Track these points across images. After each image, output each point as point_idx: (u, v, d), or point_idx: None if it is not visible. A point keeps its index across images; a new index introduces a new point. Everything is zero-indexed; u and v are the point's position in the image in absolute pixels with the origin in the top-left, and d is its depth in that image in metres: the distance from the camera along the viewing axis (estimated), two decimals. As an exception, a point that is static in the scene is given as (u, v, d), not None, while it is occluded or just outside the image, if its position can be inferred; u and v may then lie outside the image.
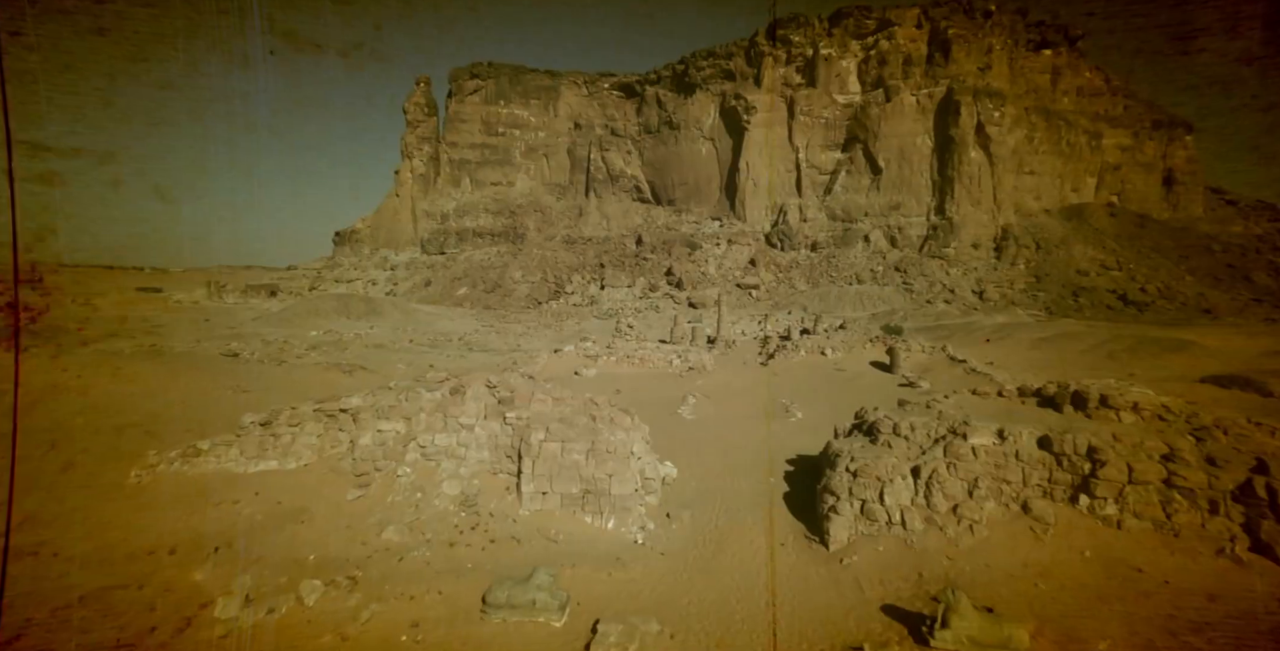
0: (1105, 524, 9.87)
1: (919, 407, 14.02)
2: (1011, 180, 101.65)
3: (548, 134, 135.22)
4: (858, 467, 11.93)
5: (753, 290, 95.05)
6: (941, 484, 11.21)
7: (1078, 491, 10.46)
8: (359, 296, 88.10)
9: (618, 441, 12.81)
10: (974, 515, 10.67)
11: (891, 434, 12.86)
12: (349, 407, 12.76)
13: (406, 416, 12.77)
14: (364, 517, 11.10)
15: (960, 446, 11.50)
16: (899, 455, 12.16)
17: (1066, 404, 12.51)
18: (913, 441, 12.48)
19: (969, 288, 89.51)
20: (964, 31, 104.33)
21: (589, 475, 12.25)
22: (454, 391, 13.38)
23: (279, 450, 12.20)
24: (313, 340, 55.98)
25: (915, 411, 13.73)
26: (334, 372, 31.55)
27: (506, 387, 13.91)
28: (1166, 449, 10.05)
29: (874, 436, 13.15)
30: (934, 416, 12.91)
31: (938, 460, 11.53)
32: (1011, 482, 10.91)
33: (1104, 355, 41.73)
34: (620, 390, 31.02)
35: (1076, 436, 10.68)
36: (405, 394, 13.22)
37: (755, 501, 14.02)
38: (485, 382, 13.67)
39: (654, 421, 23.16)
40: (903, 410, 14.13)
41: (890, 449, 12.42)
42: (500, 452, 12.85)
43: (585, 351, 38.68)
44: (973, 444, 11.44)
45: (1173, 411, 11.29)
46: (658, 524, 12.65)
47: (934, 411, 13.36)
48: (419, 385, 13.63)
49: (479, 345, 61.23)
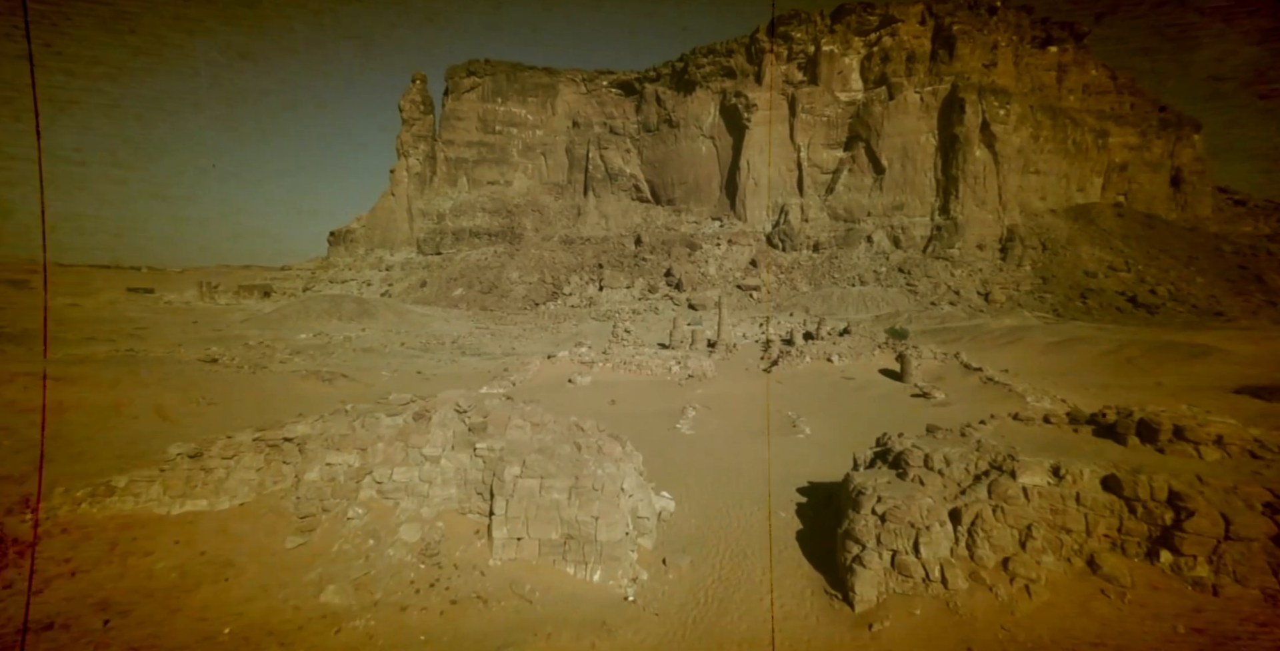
0: (1197, 588, 8.12)
1: (952, 435, 12.25)
2: (1017, 179, 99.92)
3: (545, 132, 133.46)
4: (886, 510, 10.17)
5: (754, 291, 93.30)
6: (987, 532, 9.46)
7: (1156, 545, 8.70)
8: (351, 297, 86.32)
9: (605, 476, 11.05)
10: (1029, 572, 8.91)
11: (923, 467, 11.10)
12: (294, 436, 11.00)
13: (361, 447, 11.01)
14: (302, 572, 9.33)
15: (1008, 486, 9.74)
16: (934, 494, 10.40)
17: (1131, 434, 10.76)
18: (949, 477, 10.72)
19: (974, 289, 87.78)
20: (968, 27, 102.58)
21: (572, 518, 10.49)
22: (417, 417, 11.62)
23: (210, 487, 10.44)
24: (300, 343, 54.21)
25: (949, 440, 11.96)
26: (312, 381, 29.79)
27: (479, 412, 12.14)
28: (1270, 496, 8.30)
29: (902, 469, 11.39)
30: (972, 447, 11.15)
31: (981, 502, 9.77)
32: (1073, 532, 9.15)
33: (1121, 360, 39.99)
34: (615, 401, 29.28)
35: (1153, 477, 8.92)
36: (361, 420, 11.46)
37: (765, 539, 12.26)
38: (454, 406, 11.89)
39: (650, 438, 21.42)
40: (933, 438, 12.36)
41: (923, 486, 10.65)
42: (470, 489, 11.09)
43: (580, 357, 36.93)
44: (1023, 483, 9.68)
45: (1269, 447, 9.56)
46: (652, 573, 10.89)
47: (971, 441, 11.59)
48: (378, 410, 11.86)
49: (472, 348, 59.46)
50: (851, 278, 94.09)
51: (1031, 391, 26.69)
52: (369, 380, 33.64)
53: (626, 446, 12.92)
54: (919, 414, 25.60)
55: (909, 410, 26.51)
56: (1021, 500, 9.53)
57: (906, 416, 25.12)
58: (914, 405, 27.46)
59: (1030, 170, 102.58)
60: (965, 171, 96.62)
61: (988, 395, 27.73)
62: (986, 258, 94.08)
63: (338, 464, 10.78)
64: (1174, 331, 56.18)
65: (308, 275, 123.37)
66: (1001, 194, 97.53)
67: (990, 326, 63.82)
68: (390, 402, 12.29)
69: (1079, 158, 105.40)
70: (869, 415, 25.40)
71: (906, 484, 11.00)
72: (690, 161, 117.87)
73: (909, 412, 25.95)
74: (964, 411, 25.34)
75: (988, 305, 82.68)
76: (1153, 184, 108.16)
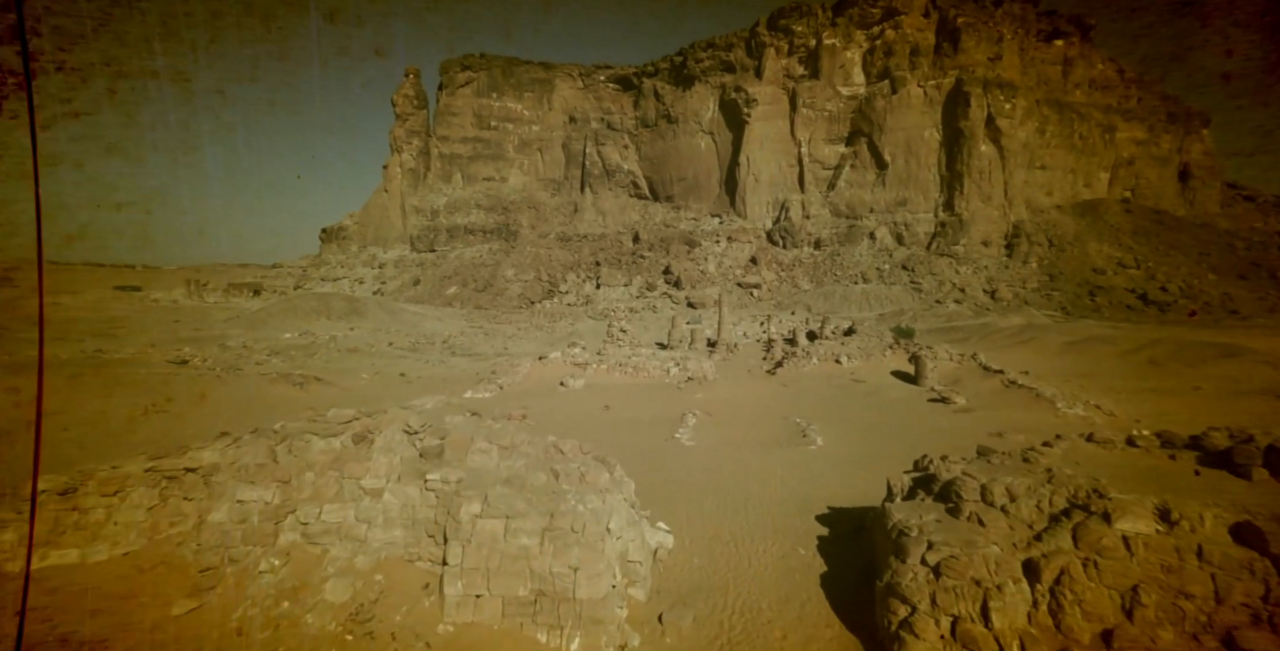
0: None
1: (1012, 461, 10.08)
2: (1022, 175, 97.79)
3: (542, 128, 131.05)
4: (941, 560, 8.01)
5: (754, 289, 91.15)
6: (1078, 593, 7.31)
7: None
8: (340, 295, 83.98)
9: (589, 513, 8.89)
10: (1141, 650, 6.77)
11: (981, 502, 8.95)
12: (199, 465, 8.83)
13: (283, 479, 8.83)
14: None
15: (1100, 533, 7.59)
16: (1000, 539, 8.25)
17: (1258, 465, 8.65)
18: (1016, 516, 8.57)
19: (980, 287, 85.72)
20: (973, 20, 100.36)
21: (544, 569, 8.33)
22: (357, 440, 9.44)
23: (85, 532, 8.26)
24: (282, 343, 51.94)
25: (1009, 467, 9.80)
26: (282, 385, 27.58)
27: (436, 432, 9.95)
28: None
29: (953, 504, 9.23)
30: (1041, 477, 8.99)
31: (1065, 553, 7.62)
32: (1196, 597, 7.01)
33: (1144, 361, 37.90)
34: (609, 406, 27.12)
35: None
36: (287, 444, 9.28)
37: (784, 586, 10.13)
38: (403, 427, 9.71)
39: (646, 450, 19.27)
40: (988, 464, 10.19)
41: (984, 528, 8.50)
42: (419, 530, 8.92)
43: (573, 358, 34.77)
44: (1121, 530, 7.53)
45: None
46: (645, 635, 8.74)
47: (1038, 469, 9.42)
48: (310, 429, 9.68)
49: (463, 349, 57.22)
50: (854, 275, 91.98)
51: (1061, 396, 24.56)
52: (346, 384, 31.44)
53: (616, 471, 10.75)
54: (940, 421, 23.50)
55: (928, 416, 24.39)
56: (1121, 552, 7.37)
57: (927, 424, 23.01)
58: (932, 411, 25.34)
59: (1036, 165, 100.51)
60: (970, 167, 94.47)
61: (1012, 400, 25.61)
62: (992, 255, 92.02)
63: (252, 501, 8.60)
64: (1193, 330, 54.12)
65: (299, 273, 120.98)
66: (1007, 189, 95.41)
67: (999, 325, 61.74)
68: (328, 420, 10.09)
69: (1086, 153, 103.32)
70: (886, 423, 23.26)
71: (962, 524, 8.84)
72: (689, 157, 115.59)
73: (928, 419, 23.84)
74: (988, 418, 23.25)
75: (994, 303, 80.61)
76: (1161, 179, 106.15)
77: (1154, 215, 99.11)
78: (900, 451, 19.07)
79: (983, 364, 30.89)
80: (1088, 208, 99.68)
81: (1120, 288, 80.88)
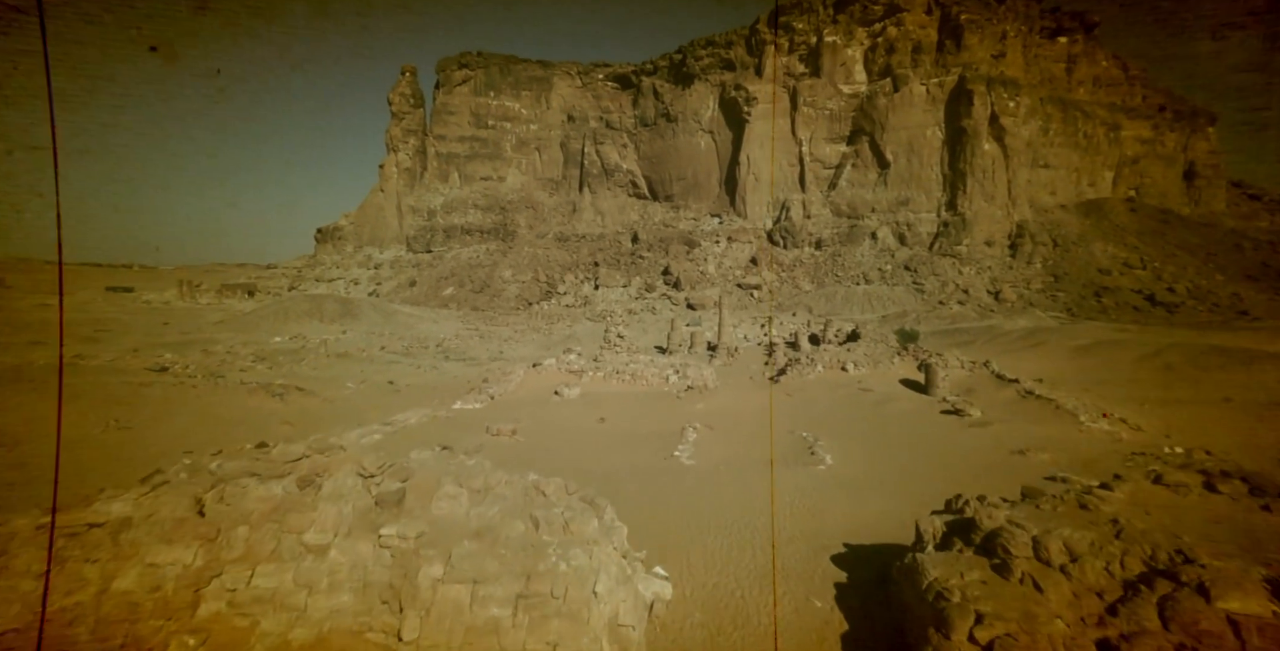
0: None
1: (1066, 506, 8.67)
2: (1026, 174, 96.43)
3: (540, 127, 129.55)
4: (995, 640, 6.62)
5: (754, 290, 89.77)
6: (1170, 689, 5.92)
7: None
8: (334, 297, 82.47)
9: (572, 573, 7.50)
10: (1255, 770, 5.38)
11: (1033, 560, 7.56)
12: (106, 521, 7.43)
13: (208, 536, 7.43)
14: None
15: (1197, 611, 6.20)
16: (1063, 610, 6.86)
17: None
18: (1080, 581, 7.18)
19: (983, 288, 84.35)
20: (976, 17, 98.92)
21: (517, 646, 6.94)
22: (302, 485, 8.03)
23: (-38, 605, 6.86)
24: (270, 348, 50.47)
25: (1062, 514, 8.40)
26: (260, 396, 26.14)
27: (397, 472, 8.54)
28: None
29: (999, 559, 7.83)
30: (1108, 531, 7.60)
31: (1153, 636, 6.23)
32: (1324, 702, 5.61)
33: (1160, 367, 36.57)
34: (605, 418, 25.72)
35: None
36: (219, 491, 7.87)
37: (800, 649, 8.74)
38: (357, 470, 8.30)
39: (643, 471, 17.88)
40: (1035, 508, 8.79)
41: (1042, 596, 7.11)
42: (371, 595, 7.51)
43: (568, 366, 33.36)
44: (1224, 610, 6.14)
45: None
46: (639, 721, 7.34)
47: (1100, 519, 8.03)
48: (249, 471, 8.27)
49: (457, 353, 55.78)
50: (856, 276, 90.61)
51: (1083, 408, 23.17)
52: (330, 393, 30.00)
53: (606, 515, 9.34)
54: (955, 436, 22.12)
55: (942, 431, 23.00)
56: (1230, 640, 5.98)
57: (942, 439, 21.63)
58: (946, 424, 23.95)
59: (1039, 164, 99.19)
60: (973, 165, 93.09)
61: (1031, 412, 24.22)
62: (995, 255, 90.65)
63: (167, 564, 7.19)
64: (1206, 333, 52.77)
65: (294, 274, 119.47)
66: (1011, 189, 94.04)
67: (1005, 327, 60.39)
68: (271, 458, 8.68)
69: (1090, 151, 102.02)
70: (898, 438, 21.87)
71: (1013, 587, 7.45)
72: (689, 156, 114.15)
73: (943, 434, 22.45)
74: (1007, 433, 21.85)
75: (998, 304, 79.25)
76: (1165, 178, 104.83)
77: (1159, 214, 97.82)
78: (916, 471, 17.72)
79: (996, 372, 29.52)
80: (1092, 207, 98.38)
81: (1126, 288, 79.55)
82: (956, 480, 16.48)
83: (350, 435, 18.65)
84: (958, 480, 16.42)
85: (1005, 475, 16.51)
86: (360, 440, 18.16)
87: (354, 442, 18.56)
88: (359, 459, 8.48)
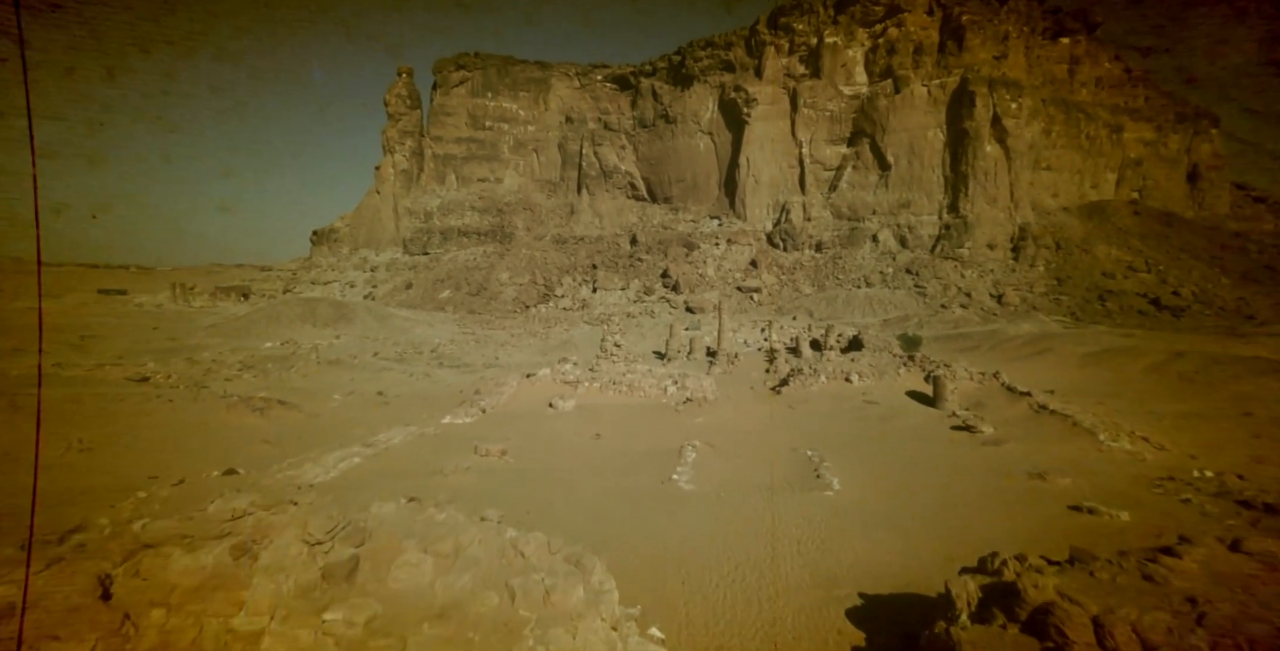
0: None
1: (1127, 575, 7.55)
2: (1028, 176, 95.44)
3: (537, 128, 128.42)
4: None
5: (754, 294, 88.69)
6: None
7: None
8: (328, 300, 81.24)
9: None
10: None
11: (1094, 646, 6.46)
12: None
13: (111, 627, 6.29)
14: None
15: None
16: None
17: None
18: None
19: (986, 291, 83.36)
20: (978, 18, 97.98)
21: (483, 757, 5.81)
22: (236, 555, 6.90)
23: None
24: (260, 354, 49.28)
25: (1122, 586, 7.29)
26: (241, 411, 24.99)
27: (351, 537, 7.41)
28: None
29: (1053, 643, 6.74)
30: (1187, 618, 6.50)
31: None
32: None
33: (1174, 377, 35.53)
34: (601, 434, 24.62)
35: None
36: (134, 563, 6.75)
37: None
38: (302, 536, 7.18)
39: (639, 498, 16.77)
40: (1091, 576, 7.68)
41: (1106, 690, 6.00)
42: (315, 687, 6.38)
43: (563, 376, 32.27)
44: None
45: None
46: None
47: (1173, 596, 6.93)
48: (181, 533, 7.15)
49: (452, 359, 54.59)
50: (856, 279, 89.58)
51: (1102, 426, 22.06)
52: (315, 407, 28.87)
53: (595, 576, 8.24)
54: (968, 456, 21.01)
55: (954, 450, 21.90)
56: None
57: (954, 460, 20.52)
58: (957, 442, 22.87)
59: (1042, 166, 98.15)
60: (975, 167, 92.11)
61: (1046, 429, 23.12)
62: (998, 258, 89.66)
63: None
64: (1214, 338, 51.71)
65: (289, 276, 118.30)
66: (1013, 191, 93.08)
67: (1009, 332, 59.29)
68: (207, 516, 7.56)
69: (1093, 153, 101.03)
70: (908, 458, 20.76)
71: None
72: (688, 158, 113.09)
73: (955, 454, 21.36)
74: (1023, 453, 20.76)
75: (1001, 308, 78.23)
76: (1169, 180, 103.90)
77: (1163, 217, 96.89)
78: (930, 500, 16.62)
79: (1006, 384, 28.45)
80: (1095, 209, 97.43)
81: (1131, 292, 78.58)
82: (974, 509, 15.43)
83: (328, 459, 17.51)
84: (975, 509, 15.37)
85: (1027, 505, 15.45)
86: (338, 465, 17.03)
87: (332, 466, 17.46)
88: (305, 520, 7.36)
